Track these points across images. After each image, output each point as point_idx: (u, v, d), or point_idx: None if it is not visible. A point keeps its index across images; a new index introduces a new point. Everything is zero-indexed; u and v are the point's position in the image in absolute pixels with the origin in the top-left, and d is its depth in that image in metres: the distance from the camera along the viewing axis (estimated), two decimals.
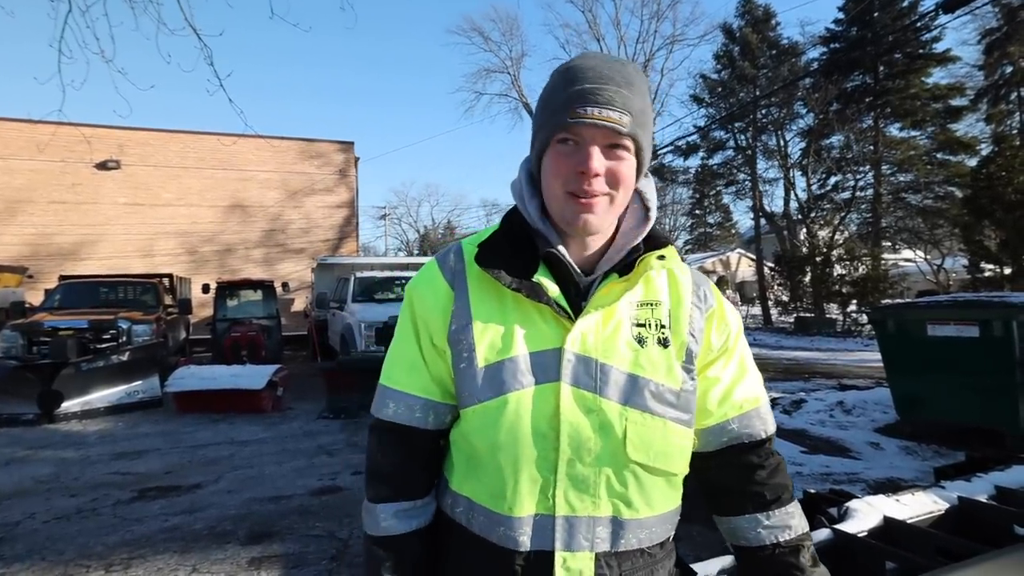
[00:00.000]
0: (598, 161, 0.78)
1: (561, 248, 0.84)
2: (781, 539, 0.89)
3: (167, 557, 3.28)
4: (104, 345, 7.97)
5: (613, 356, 0.81)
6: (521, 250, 0.85)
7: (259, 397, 7.29)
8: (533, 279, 0.82)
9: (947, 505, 2.14)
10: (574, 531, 0.79)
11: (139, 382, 7.63)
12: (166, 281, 11.67)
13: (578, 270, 0.85)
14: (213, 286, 12.37)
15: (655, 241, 0.88)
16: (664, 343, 0.84)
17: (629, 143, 0.80)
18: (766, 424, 0.93)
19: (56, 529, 3.73)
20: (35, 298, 11.74)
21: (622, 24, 25.28)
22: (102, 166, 15.35)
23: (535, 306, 0.82)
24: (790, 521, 0.90)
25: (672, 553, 0.90)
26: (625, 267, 0.84)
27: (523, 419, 0.80)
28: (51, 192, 14.94)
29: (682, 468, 0.86)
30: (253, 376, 7.54)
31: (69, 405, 7.01)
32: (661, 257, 0.86)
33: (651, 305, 0.86)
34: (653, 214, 0.89)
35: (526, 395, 0.80)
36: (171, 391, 7.32)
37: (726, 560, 1.66)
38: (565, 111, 0.78)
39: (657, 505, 0.84)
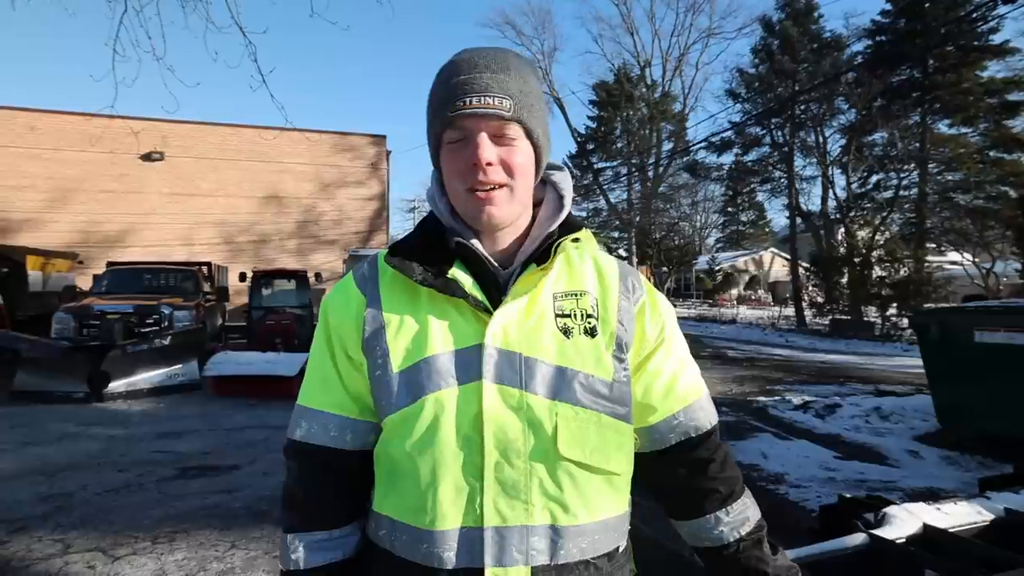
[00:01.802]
0: (488, 151, 0.75)
1: (474, 241, 0.81)
2: (743, 533, 0.88)
3: (208, 533, 3.43)
4: (148, 329, 8.31)
5: (538, 349, 0.77)
6: (435, 249, 0.81)
7: (292, 384, 7.46)
8: (448, 275, 0.79)
9: (992, 516, 2.07)
10: (505, 543, 0.73)
11: (180, 366, 7.89)
12: (205, 269, 12.07)
13: (494, 263, 0.82)
14: (249, 275, 12.73)
15: (570, 228, 0.85)
16: (591, 333, 0.81)
17: (516, 128, 0.77)
18: (709, 415, 0.91)
19: (107, 501, 3.93)
20: (84, 282, 12.26)
21: (657, 17, 24.89)
22: (147, 157, 15.92)
23: (451, 302, 0.79)
24: (747, 512, 0.89)
25: (624, 568, 0.83)
26: (542, 256, 0.81)
27: (443, 422, 0.75)
28: (100, 182, 15.58)
29: (623, 468, 0.82)
30: (287, 363, 7.74)
31: (116, 385, 7.32)
32: (576, 240, 0.84)
33: (576, 295, 0.83)
34: (567, 203, 0.87)
35: (445, 396, 0.75)
36: (209, 375, 7.58)
37: None
38: (446, 107, 0.76)
39: (598, 509, 0.78)
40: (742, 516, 0.88)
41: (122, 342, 7.63)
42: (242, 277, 12.87)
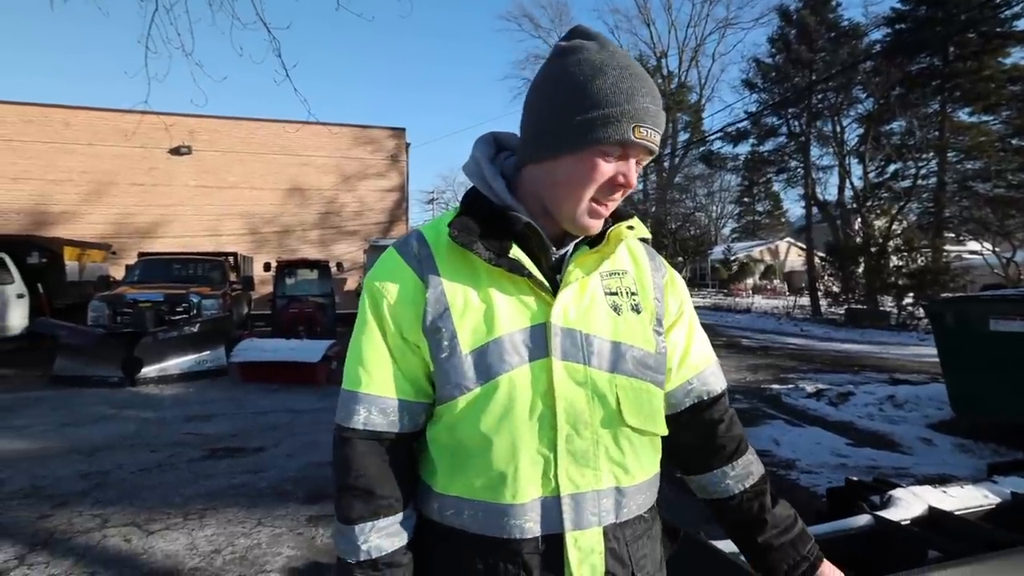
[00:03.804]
0: (635, 177, 0.80)
1: (536, 225, 0.83)
2: (747, 485, 0.95)
3: (236, 510, 3.57)
4: (177, 317, 8.53)
5: (594, 326, 0.81)
6: (492, 228, 0.81)
7: (315, 369, 7.64)
8: (510, 255, 0.80)
9: (998, 500, 2.05)
10: (581, 508, 0.78)
11: (207, 352, 8.12)
12: (231, 259, 12.35)
13: (552, 245, 0.84)
14: (273, 265, 13.00)
15: (619, 214, 0.88)
16: (637, 309, 0.86)
17: (649, 160, 0.82)
18: (720, 380, 0.98)
19: (141, 479, 4.11)
20: (117, 272, 12.63)
21: (673, 8, 24.54)
22: (175, 151, 16.27)
23: (513, 283, 0.80)
24: (751, 468, 0.97)
25: (657, 516, 0.91)
26: (593, 239, 0.85)
27: (517, 401, 0.77)
28: (132, 175, 15.97)
29: (664, 429, 0.88)
30: (310, 350, 7.93)
31: (148, 371, 7.57)
32: (631, 227, 0.87)
33: (619, 274, 0.88)
34: None
35: (517, 375, 0.77)
36: (235, 361, 7.78)
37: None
38: (626, 125, 0.75)
39: (648, 468, 0.85)
40: (746, 471, 0.96)
41: (153, 329, 7.89)
42: (267, 267, 13.16)
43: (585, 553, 0.78)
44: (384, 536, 0.81)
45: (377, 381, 0.82)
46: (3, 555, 2.98)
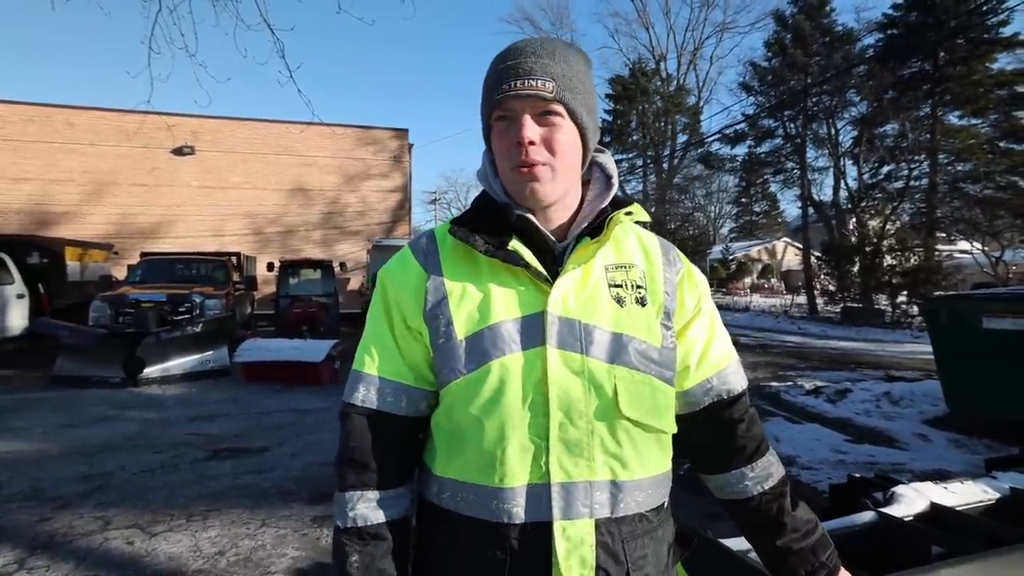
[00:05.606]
0: (530, 130, 0.80)
1: (530, 216, 0.85)
2: (767, 487, 0.93)
3: (239, 511, 3.56)
4: (180, 317, 8.52)
5: (595, 316, 0.82)
6: (494, 223, 0.85)
7: (319, 369, 7.64)
8: (508, 247, 0.82)
9: (998, 495, 2.06)
10: (571, 498, 0.77)
11: (210, 352, 8.12)
12: (234, 259, 12.35)
13: (551, 236, 0.86)
14: (276, 264, 13.02)
15: (620, 202, 0.90)
16: (642, 302, 0.86)
17: (559, 108, 0.81)
18: (740, 379, 0.97)
19: (144, 480, 4.11)
20: (120, 273, 12.67)
21: (672, 12, 24.71)
22: (178, 152, 16.30)
23: (512, 272, 0.83)
24: (771, 469, 0.95)
25: (668, 519, 0.89)
26: (595, 230, 0.86)
27: (509, 386, 0.78)
28: (134, 176, 16.00)
29: (670, 426, 0.87)
30: (313, 350, 7.93)
31: (150, 371, 7.57)
32: (629, 213, 0.88)
33: (625, 267, 0.88)
34: (615, 182, 0.91)
35: (510, 362, 0.79)
36: (239, 361, 7.77)
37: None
38: (494, 90, 0.81)
39: (650, 465, 0.84)
40: (766, 472, 0.94)
41: (156, 329, 7.87)
42: (270, 267, 13.21)
43: (574, 544, 0.77)
44: (371, 507, 0.84)
45: (378, 364, 0.87)
46: (3, 559, 2.97)
